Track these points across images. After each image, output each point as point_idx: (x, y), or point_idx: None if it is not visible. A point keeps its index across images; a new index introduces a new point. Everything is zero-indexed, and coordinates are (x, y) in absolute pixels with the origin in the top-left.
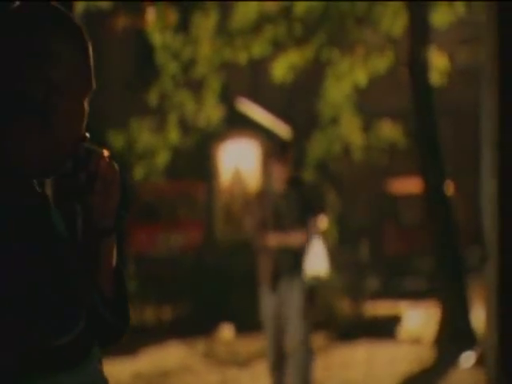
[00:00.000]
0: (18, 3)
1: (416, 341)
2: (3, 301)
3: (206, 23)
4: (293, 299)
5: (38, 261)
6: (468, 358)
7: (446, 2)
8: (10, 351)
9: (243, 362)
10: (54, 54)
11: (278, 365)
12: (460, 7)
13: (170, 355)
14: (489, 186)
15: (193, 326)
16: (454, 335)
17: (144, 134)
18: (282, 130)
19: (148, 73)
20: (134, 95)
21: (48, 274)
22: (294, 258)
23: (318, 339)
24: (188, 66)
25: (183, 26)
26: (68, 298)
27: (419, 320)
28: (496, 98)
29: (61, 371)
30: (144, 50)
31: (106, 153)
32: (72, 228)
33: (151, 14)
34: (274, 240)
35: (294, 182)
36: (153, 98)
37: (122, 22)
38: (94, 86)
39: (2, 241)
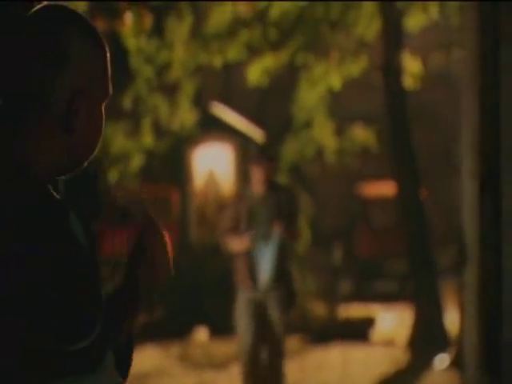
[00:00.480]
0: (37, 6)
1: (390, 343)
2: (16, 304)
3: (180, 27)
4: (272, 308)
5: (54, 263)
6: (442, 360)
7: (420, 7)
8: (24, 354)
9: (219, 365)
10: (73, 56)
11: (253, 373)
12: (433, 12)
13: (145, 358)
14: (469, 188)
15: (168, 329)
16: (427, 337)
17: (118, 138)
18: (255, 133)
19: (121, 77)
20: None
21: (64, 277)
22: (274, 263)
23: (293, 342)
24: (162, 70)
25: (157, 30)
26: (83, 303)
27: (392, 322)
28: (476, 101)
29: (77, 376)
30: (117, 54)
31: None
32: (88, 231)
33: (128, 18)
34: (244, 241)
35: (273, 186)
36: (127, 102)
37: (98, 25)
38: (111, 91)
39: (18, 241)
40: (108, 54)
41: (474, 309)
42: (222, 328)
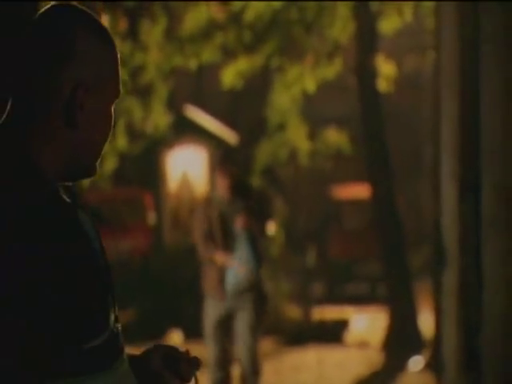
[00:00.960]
0: (47, 5)
1: (363, 345)
2: (34, 302)
3: (154, 30)
4: (244, 313)
5: (68, 261)
6: (417, 362)
7: (394, 10)
8: (35, 353)
9: None
10: (79, 52)
11: (223, 380)
12: (408, 14)
13: None
14: (449, 190)
15: (141, 331)
16: (402, 339)
17: None
18: (228, 136)
19: None
20: None
21: (73, 276)
22: (246, 269)
23: (268, 344)
24: (136, 73)
25: (132, 33)
26: (95, 302)
27: (365, 325)
28: (456, 103)
29: (94, 373)
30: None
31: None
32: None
33: (104, 21)
34: (220, 258)
35: (240, 189)
36: None
37: None
38: (121, 91)
39: (25, 241)
40: (118, 54)
41: (454, 311)
42: (196, 331)
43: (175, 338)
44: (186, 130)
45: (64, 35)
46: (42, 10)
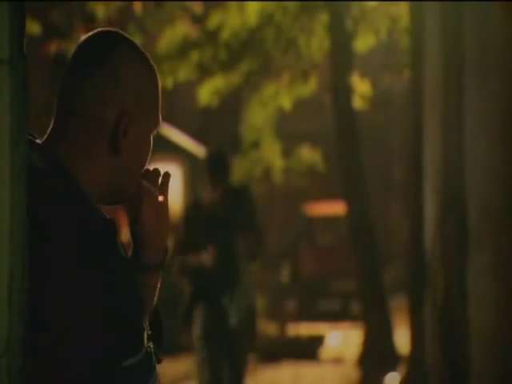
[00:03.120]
0: (94, 31)
1: (339, 361)
2: (81, 323)
3: None
4: (234, 324)
5: (108, 282)
6: (392, 379)
7: (369, 30)
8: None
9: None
10: (125, 80)
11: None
12: (382, 34)
13: None
14: (432, 207)
15: None
16: (377, 355)
17: None
18: (201, 153)
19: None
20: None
21: (115, 295)
22: (233, 277)
23: None
24: None
25: None
26: (139, 318)
27: (340, 341)
28: (439, 119)
29: None
30: (61, 75)
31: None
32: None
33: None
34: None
35: (228, 193)
36: None
37: (51, 47)
38: (161, 121)
39: (80, 256)
40: (159, 84)
41: (439, 330)
42: (170, 347)
43: None
44: (159, 147)
45: (111, 63)
46: (87, 36)
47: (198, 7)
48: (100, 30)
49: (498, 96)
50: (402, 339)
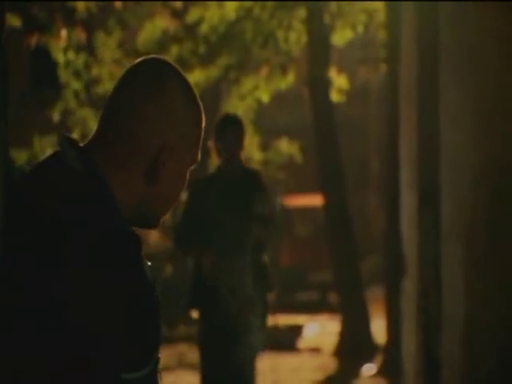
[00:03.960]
0: (142, 61)
1: (316, 351)
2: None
3: (108, 42)
4: (245, 342)
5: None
6: (369, 368)
7: (346, 24)
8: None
9: None
10: (172, 112)
11: None
12: (359, 28)
13: None
14: (408, 200)
15: None
16: (354, 346)
17: (47, 151)
18: None
19: (47, 90)
20: (33, 112)
21: (145, 311)
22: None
23: None
24: (90, 84)
25: (87, 45)
26: (157, 334)
27: (317, 331)
28: (415, 113)
29: None
30: (41, 69)
31: None
32: None
33: (63, 35)
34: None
35: (244, 174)
36: (56, 115)
37: (31, 40)
38: (199, 159)
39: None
40: (204, 122)
41: (414, 318)
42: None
43: None
44: None
45: (163, 90)
46: (142, 60)
47: (177, 2)
48: (155, 58)
49: (471, 90)
50: (380, 329)
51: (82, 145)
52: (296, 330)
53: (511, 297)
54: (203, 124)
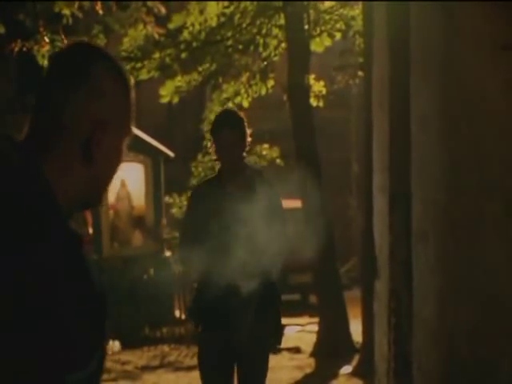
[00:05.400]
0: (72, 43)
1: (295, 351)
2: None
3: None
4: (250, 353)
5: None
6: (346, 367)
7: (324, 33)
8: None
9: (133, 376)
10: (102, 91)
11: None
12: (338, 35)
13: None
14: (379, 203)
15: None
16: (333, 346)
17: None
18: (164, 150)
19: (33, 96)
20: (19, 117)
21: (75, 311)
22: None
23: None
24: None
25: None
26: (99, 333)
27: (297, 332)
28: (386, 118)
29: None
30: (27, 75)
31: None
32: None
33: (46, 41)
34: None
35: (249, 177)
36: None
37: (15, 46)
38: (132, 132)
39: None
40: (132, 94)
41: (385, 319)
42: (132, 340)
43: (113, 347)
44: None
45: (88, 75)
46: (66, 47)
47: (161, 9)
48: (78, 41)
49: (439, 93)
50: (360, 331)
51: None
52: None
53: (480, 297)
54: (132, 95)
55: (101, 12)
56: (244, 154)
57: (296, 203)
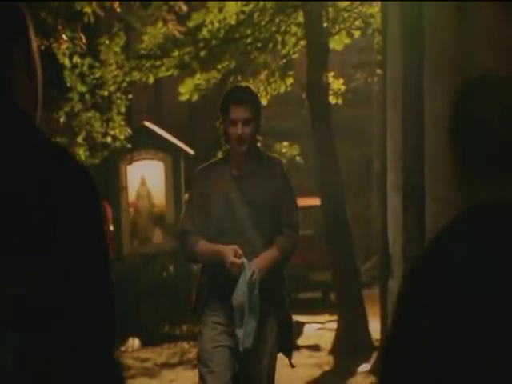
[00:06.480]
0: None
1: (314, 349)
2: None
3: (113, 46)
4: (261, 346)
5: None
6: (365, 365)
7: (343, 31)
8: None
9: (151, 374)
10: (18, 19)
11: None
12: (356, 33)
13: None
14: (393, 201)
15: None
16: (351, 344)
17: None
18: (185, 148)
19: (53, 93)
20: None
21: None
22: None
23: None
24: (95, 87)
25: (91, 49)
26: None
27: (317, 330)
28: (400, 119)
29: None
30: (53, 71)
31: None
32: None
33: (65, 39)
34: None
35: (262, 166)
36: (61, 117)
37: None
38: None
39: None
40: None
41: None
42: (153, 338)
43: (133, 344)
44: (144, 142)
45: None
46: None
47: (182, 7)
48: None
49: (452, 92)
50: (379, 329)
51: None
52: (296, 328)
53: None
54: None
55: (119, 10)
56: (258, 136)
57: (315, 201)
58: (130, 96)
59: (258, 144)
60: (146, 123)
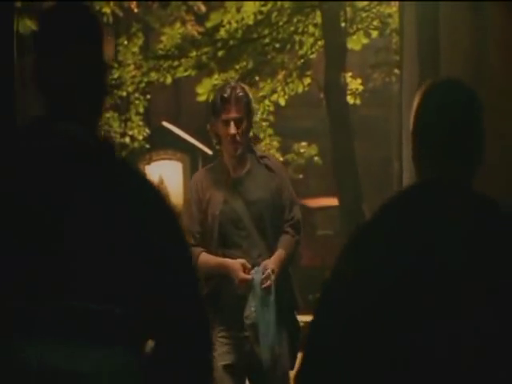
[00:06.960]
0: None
1: None
2: None
3: (131, 47)
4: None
5: None
6: None
7: (360, 32)
8: None
9: None
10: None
11: None
12: (374, 33)
13: None
14: None
15: None
16: None
17: None
18: (203, 148)
19: None
20: None
21: None
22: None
23: None
24: (114, 88)
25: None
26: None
27: None
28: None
29: None
30: None
31: None
32: None
33: None
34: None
35: (260, 166)
36: None
37: None
38: None
39: None
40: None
41: None
42: None
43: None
44: (162, 142)
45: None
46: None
47: (200, 7)
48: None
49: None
50: None
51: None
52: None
53: None
54: None
55: (136, 10)
56: (251, 133)
57: (333, 201)
58: (148, 96)
59: (263, 143)
60: (165, 123)
